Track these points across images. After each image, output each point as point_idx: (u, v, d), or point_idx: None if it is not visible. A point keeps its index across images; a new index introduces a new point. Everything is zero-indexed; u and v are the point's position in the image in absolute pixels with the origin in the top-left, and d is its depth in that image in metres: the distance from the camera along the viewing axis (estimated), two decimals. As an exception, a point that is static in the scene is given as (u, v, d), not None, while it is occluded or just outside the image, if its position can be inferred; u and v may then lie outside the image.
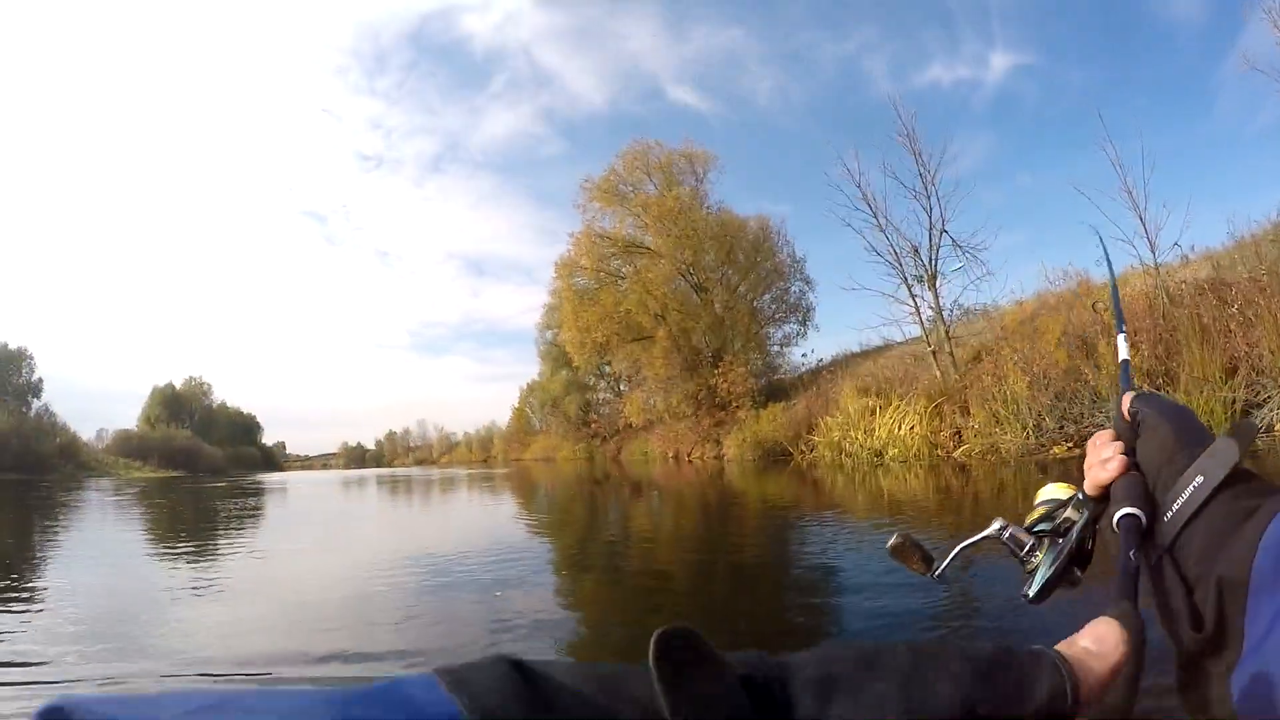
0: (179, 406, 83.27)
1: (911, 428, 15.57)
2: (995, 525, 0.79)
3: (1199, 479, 0.60)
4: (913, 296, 17.78)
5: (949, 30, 75.38)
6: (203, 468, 65.33)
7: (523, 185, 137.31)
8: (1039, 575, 0.73)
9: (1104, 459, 0.72)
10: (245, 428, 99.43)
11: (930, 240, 17.44)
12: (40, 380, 57.35)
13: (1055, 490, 0.81)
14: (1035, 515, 0.79)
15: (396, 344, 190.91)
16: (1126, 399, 0.76)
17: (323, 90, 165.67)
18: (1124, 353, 1.01)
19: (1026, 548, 0.76)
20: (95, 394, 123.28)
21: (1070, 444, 11.66)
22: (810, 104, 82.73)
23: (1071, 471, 10.01)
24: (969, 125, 67.70)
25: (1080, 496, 0.77)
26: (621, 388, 44.65)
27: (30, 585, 6.69)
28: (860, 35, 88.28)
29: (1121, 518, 0.64)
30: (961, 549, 0.82)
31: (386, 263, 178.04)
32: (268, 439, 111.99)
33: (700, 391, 30.04)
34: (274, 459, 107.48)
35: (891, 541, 0.84)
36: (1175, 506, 0.61)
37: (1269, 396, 9.80)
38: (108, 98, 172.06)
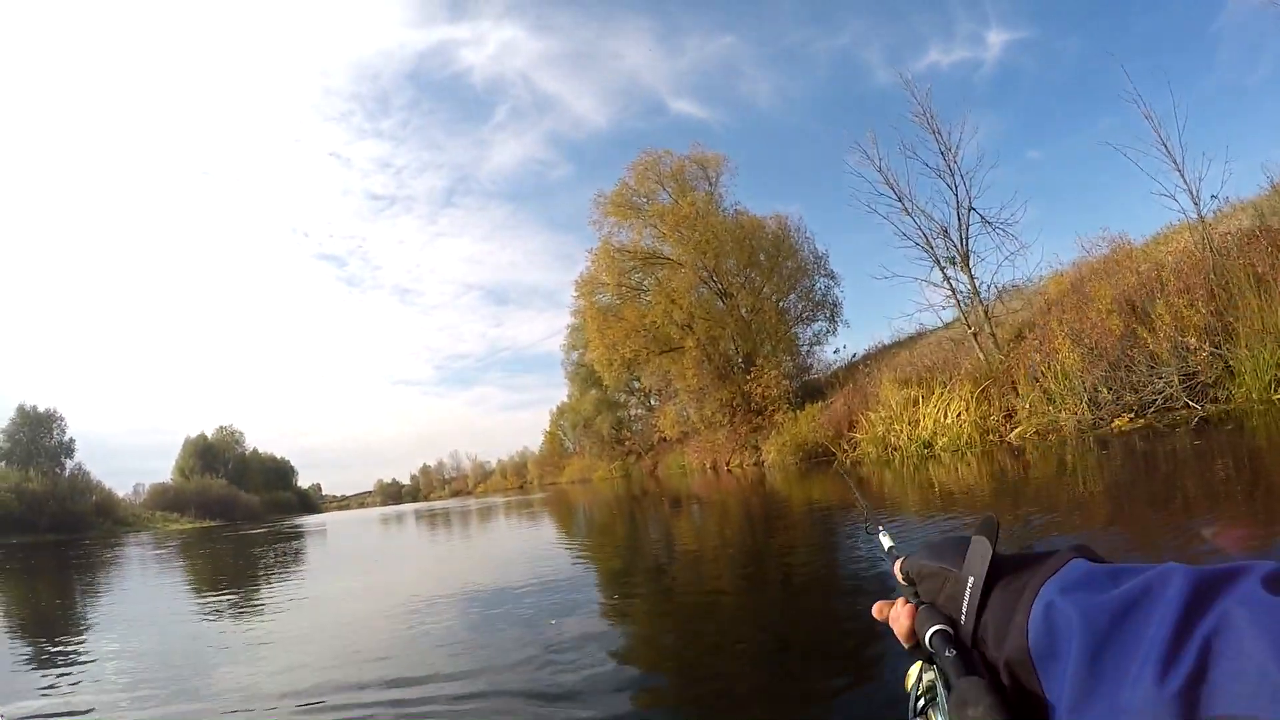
0: (213, 456, 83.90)
1: (959, 414, 14.98)
2: None
3: (971, 579, 0.64)
4: (947, 279, 17.19)
5: (941, 12, 74.52)
6: (240, 515, 65.50)
7: (536, 211, 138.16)
8: None
9: (895, 615, 0.74)
10: (280, 473, 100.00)
11: (959, 219, 16.81)
12: (72, 440, 57.74)
13: (914, 671, 0.82)
14: (913, 701, 0.80)
15: (424, 378, 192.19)
16: (896, 566, 0.80)
17: (328, 136, 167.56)
18: (887, 542, 1.14)
19: None
20: (129, 450, 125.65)
21: (1132, 415, 11.03)
22: (811, 101, 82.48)
23: (1134, 444, 9.48)
24: (973, 106, 66.63)
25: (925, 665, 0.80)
26: (653, 402, 44.35)
27: (79, 640, 6.92)
28: (852, 27, 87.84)
29: (933, 635, 0.67)
30: None
31: (407, 300, 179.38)
32: (303, 482, 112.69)
33: (734, 398, 29.57)
34: (311, 501, 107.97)
35: None
36: (964, 612, 0.65)
37: (1341, 344, 9.19)
38: (118, 154, 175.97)
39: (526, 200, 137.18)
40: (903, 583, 0.79)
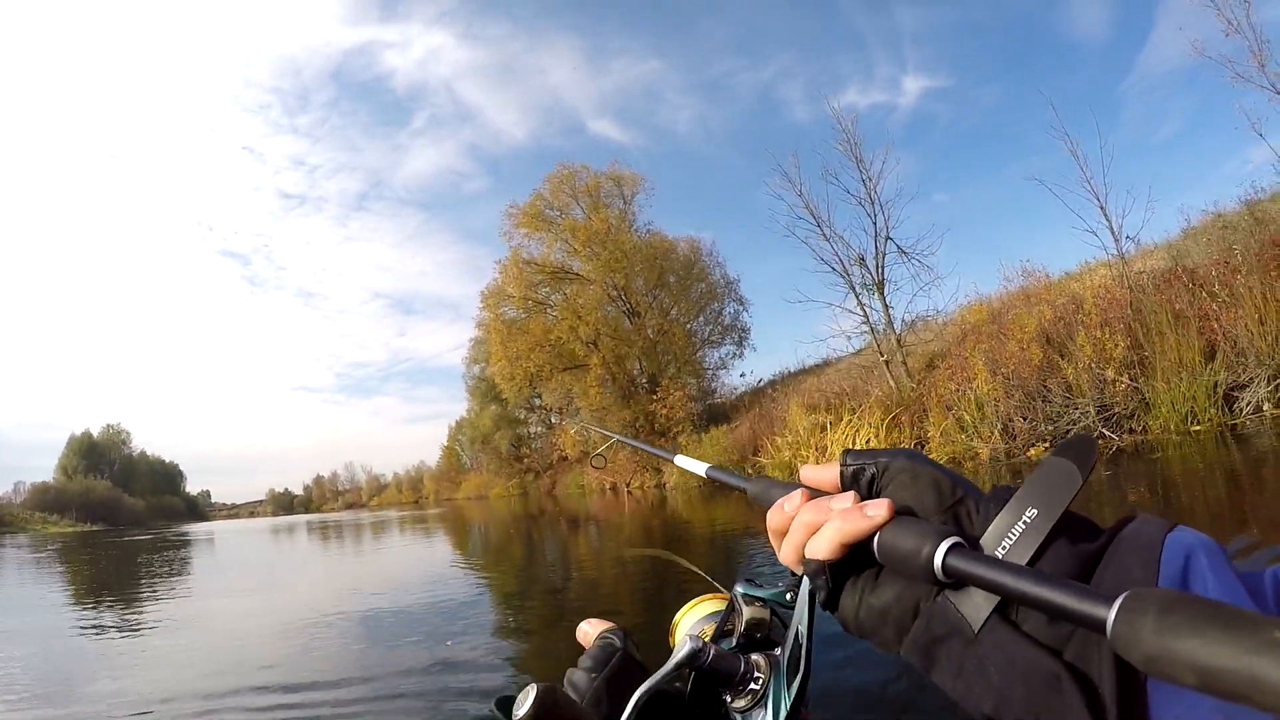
0: (97, 456, 79.19)
1: (868, 441, 14.63)
2: (687, 647, 0.61)
3: (1031, 512, 0.44)
4: (861, 305, 17.02)
5: (863, 55, 77.76)
6: (124, 520, 62.11)
7: (448, 222, 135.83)
8: (779, 704, 0.56)
9: (849, 509, 0.47)
10: (168, 477, 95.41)
11: (876, 248, 16.75)
12: (-54, 434, 53.96)
13: (705, 607, 0.67)
14: (708, 633, 0.65)
15: (323, 385, 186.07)
16: (831, 466, 0.55)
17: (243, 128, 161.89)
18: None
19: (739, 672, 0.61)
20: (13, 446, 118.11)
21: (1047, 445, 10.83)
22: (730, 132, 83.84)
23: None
24: (885, 149, 68.98)
25: (747, 594, 0.64)
26: (553, 420, 43.45)
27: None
28: (777, 62, 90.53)
29: (950, 549, 0.41)
30: (649, 690, 0.61)
31: (311, 304, 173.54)
32: (192, 488, 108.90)
33: (638, 419, 28.98)
34: (199, 508, 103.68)
35: (523, 713, 0.58)
36: (1000, 550, 0.43)
37: (1252, 377, 9.23)
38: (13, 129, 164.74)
39: (441, 210, 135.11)
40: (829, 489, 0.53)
